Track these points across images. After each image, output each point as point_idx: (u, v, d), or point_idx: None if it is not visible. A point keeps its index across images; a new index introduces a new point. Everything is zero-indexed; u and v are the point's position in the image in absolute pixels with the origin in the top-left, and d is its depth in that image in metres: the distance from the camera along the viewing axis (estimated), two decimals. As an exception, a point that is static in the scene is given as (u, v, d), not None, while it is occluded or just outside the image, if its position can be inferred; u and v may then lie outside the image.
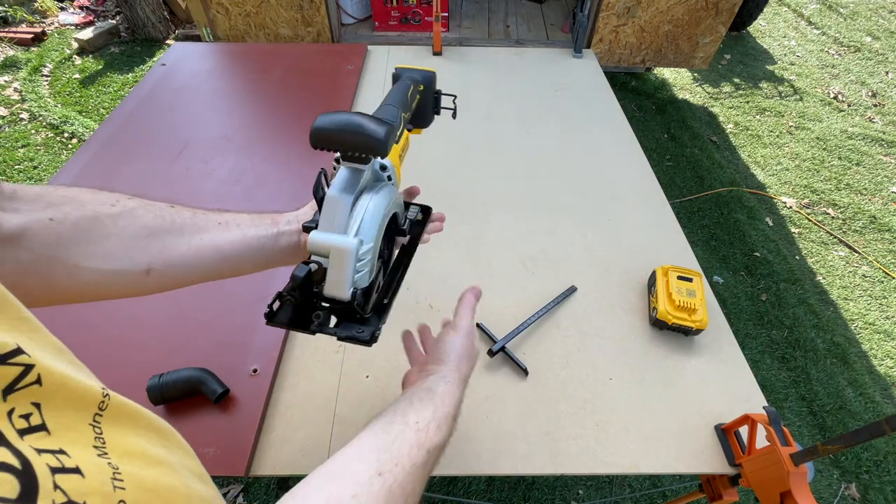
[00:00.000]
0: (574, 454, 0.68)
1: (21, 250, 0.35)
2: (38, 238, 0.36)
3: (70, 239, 0.37)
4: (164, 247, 0.42)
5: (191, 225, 0.44)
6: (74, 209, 0.38)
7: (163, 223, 0.43)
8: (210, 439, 0.65)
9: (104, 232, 0.39)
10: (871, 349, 1.77)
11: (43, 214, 0.37)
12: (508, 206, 1.06)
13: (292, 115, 1.28)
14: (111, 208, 0.41)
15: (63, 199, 0.39)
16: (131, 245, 0.41)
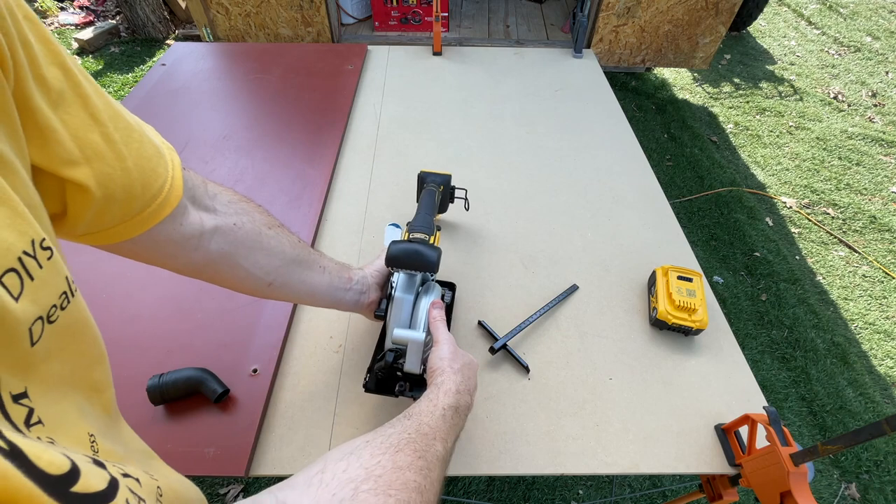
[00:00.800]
0: (574, 454, 0.68)
1: (212, 242, 0.46)
2: (223, 236, 0.47)
3: (242, 243, 0.49)
4: (287, 272, 0.55)
5: (307, 261, 0.58)
6: (249, 221, 0.50)
7: (293, 253, 0.55)
8: (210, 439, 0.65)
9: (262, 245, 0.51)
10: (871, 349, 1.77)
11: (231, 220, 0.48)
12: (508, 206, 1.06)
13: (292, 115, 1.28)
14: (268, 230, 0.53)
15: (244, 210, 0.51)
16: (272, 262, 0.53)
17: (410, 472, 0.36)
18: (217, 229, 0.46)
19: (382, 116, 1.32)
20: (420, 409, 0.46)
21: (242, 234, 0.49)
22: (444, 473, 0.42)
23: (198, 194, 0.44)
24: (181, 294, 0.84)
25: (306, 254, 0.58)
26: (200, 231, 0.43)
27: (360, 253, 0.94)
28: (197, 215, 0.43)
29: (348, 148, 1.21)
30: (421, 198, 0.82)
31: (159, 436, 0.65)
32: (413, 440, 0.39)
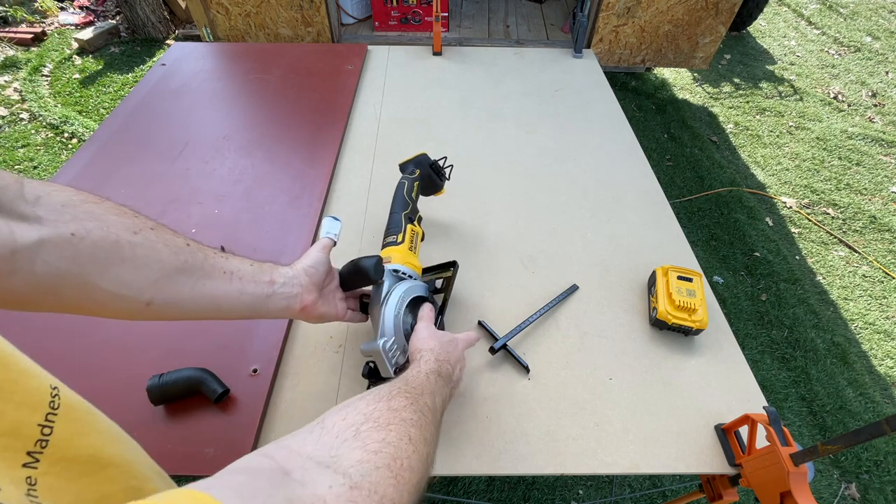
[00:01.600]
0: (574, 454, 0.68)
1: (37, 262, 0.34)
2: (56, 252, 0.35)
3: (87, 257, 0.37)
4: (170, 285, 0.44)
5: (199, 268, 0.47)
6: (98, 227, 0.38)
7: (175, 261, 0.44)
8: (210, 439, 0.65)
9: (121, 256, 0.40)
10: (871, 349, 1.77)
11: (65, 228, 0.36)
12: (508, 206, 1.06)
13: (292, 115, 1.28)
14: (133, 235, 0.41)
15: (88, 215, 0.38)
16: (142, 276, 0.42)
17: (406, 412, 0.38)
18: (42, 243, 0.34)
19: (382, 116, 1.32)
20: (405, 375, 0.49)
21: (89, 246, 0.37)
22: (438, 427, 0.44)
23: (4, 199, 0.33)
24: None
25: (199, 258, 0.47)
26: (11, 249, 0.33)
27: (359, 253, 0.94)
28: (5, 228, 0.33)
29: (348, 148, 1.21)
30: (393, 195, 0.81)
31: (159, 436, 0.65)
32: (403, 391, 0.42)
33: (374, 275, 0.63)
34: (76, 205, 0.38)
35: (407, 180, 0.82)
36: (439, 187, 0.92)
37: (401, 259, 0.71)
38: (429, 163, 0.88)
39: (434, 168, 0.89)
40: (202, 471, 0.63)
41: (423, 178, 0.86)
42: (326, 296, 0.62)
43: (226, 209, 1.00)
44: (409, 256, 0.72)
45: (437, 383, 0.50)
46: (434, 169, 0.89)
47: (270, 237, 0.95)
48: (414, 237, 0.75)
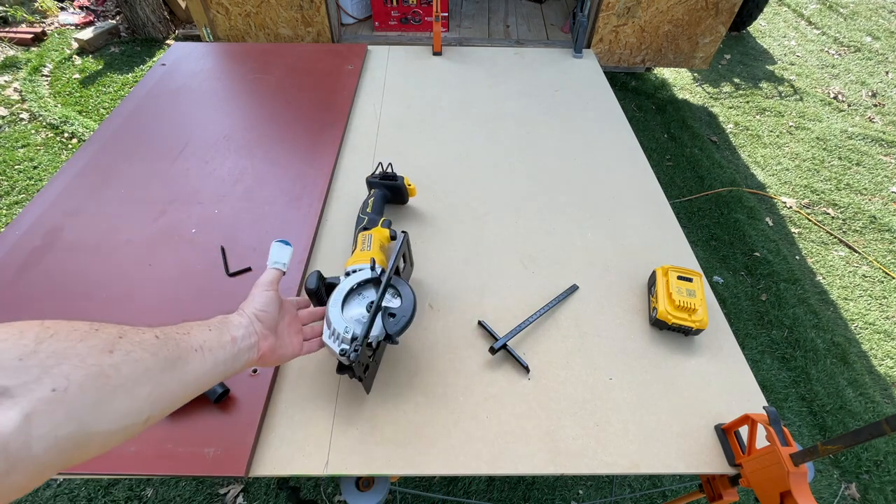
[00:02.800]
0: (574, 454, 0.68)
1: (33, 444, 0.28)
2: (47, 419, 0.29)
3: (79, 407, 0.32)
4: (160, 389, 0.40)
5: (178, 358, 0.42)
6: (74, 367, 0.32)
7: (158, 363, 0.40)
8: (210, 439, 0.65)
9: (111, 387, 0.34)
10: (871, 349, 1.77)
11: (41, 388, 0.30)
12: (508, 206, 1.06)
13: (292, 115, 1.28)
14: (110, 356, 0.35)
15: (53, 357, 0.31)
16: (136, 397, 0.37)
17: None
18: (30, 419, 0.28)
19: (382, 116, 1.32)
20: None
21: (75, 394, 0.31)
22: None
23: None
24: (182, 295, 0.84)
25: (173, 348, 0.42)
26: (1, 445, 0.27)
27: (360, 253, 0.94)
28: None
29: (348, 148, 1.21)
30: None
31: (159, 436, 0.65)
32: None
33: (313, 287, 0.71)
34: (33, 351, 0.31)
35: (363, 202, 0.95)
36: (402, 189, 0.99)
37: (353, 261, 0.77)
38: (376, 180, 0.98)
39: (384, 179, 0.98)
40: (202, 471, 0.63)
41: (379, 195, 0.96)
42: (281, 335, 0.59)
43: (226, 209, 1.00)
44: (360, 256, 0.79)
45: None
46: (385, 180, 0.98)
47: (270, 237, 0.94)
48: (366, 240, 0.82)
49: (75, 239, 0.93)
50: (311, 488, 1.33)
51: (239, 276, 0.87)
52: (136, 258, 0.90)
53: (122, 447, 0.64)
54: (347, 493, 0.68)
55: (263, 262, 0.89)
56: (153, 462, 0.63)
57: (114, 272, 0.87)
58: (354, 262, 0.76)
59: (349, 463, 0.66)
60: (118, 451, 0.64)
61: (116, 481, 1.31)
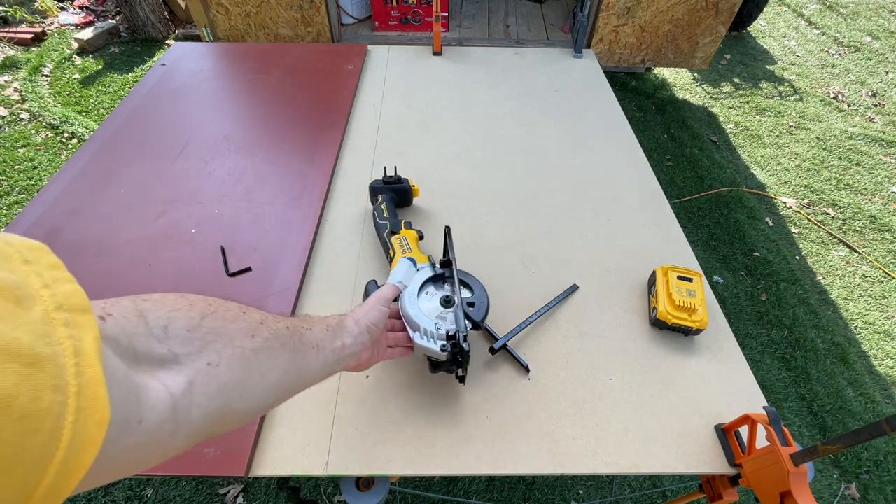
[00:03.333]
0: (574, 454, 0.68)
1: (193, 410, 0.30)
2: (202, 390, 0.31)
3: (226, 385, 0.33)
4: (283, 378, 0.40)
5: (300, 352, 0.44)
6: (225, 347, 0.34)
7: (288, 355, 0.41)
8: (210, 439, 0.65)
9: (250, 371, 0.36)
10: (871, 349, 1.77)
11: (201, 360, 0.32)
12: (508, 206, 1.06)
13: (292, 115, 1.28)
14: (252, 340, 0.37)
15: (212, 334, 0.34)
16: (267, 383, 0.38)
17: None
18: (191, 386, 0.30)
19: (382, 116, 1.32)
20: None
21: (224, 372, 0.33)
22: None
23: (139, 346, 0.28)
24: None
25: (297, 341, 0.43)
26: (171, 406, 0.28)
27: (359, 253, 0.94)
28: (155, 385, 0.28)
29: (348, 148, 1.21)
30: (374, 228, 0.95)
31: (159, 436, 0.65)
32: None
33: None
34: (198, 325, 0.33)
35: (375, 210, 0.95)
36: (409, 191, 0.99)
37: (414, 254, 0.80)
38: (381, 184, 0.98)
39: (389, 183, 0.98)
40: (202, 471, 0.63)
41: (387, 199, 0.96)
42: (378, 346, 0.61)
43: (226, 209, 1.00)
44: (417, 253, 0.82)
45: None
46: (390, 184, 0.98)
47: (270, 237, 0.95)
48: (402, 242, 0.84)
49: (75, 239, 0.93)
50: (311, 488, 1.33)
51: (239, 276, 0.87)
52: (136, 258, 0.90)
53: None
54: (347, 493, 0.68)
55: (263, 262, 0.90)
56: (153, 462, 0.63)
57: (114, 272, 0.87)
58: None
59: (349, 463, 0.66)
60: (118, 451, 0.64)
61: (116, 481, 1.31)
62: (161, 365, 0.29)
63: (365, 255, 0.94)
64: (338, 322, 0.53)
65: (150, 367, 0.29)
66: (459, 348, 0.63)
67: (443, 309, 0.70)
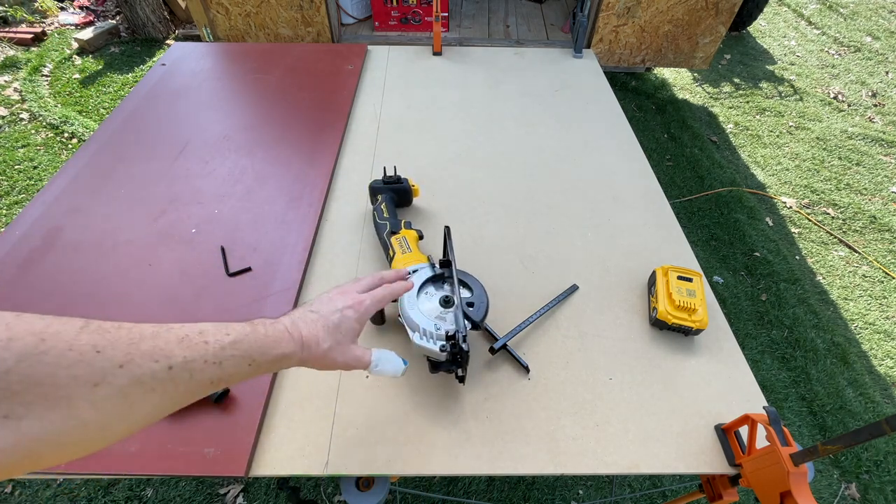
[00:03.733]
0: (574, 454, 0.68)
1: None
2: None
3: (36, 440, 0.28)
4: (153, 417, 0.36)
5: (187, 391, 0.38)
6: (40, 398, 0.28)
7: (169, 399, 0.36)
8: (210, 439, 0.65)
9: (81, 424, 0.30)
10: (871, 349, 1.77)
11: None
12: (508, 206, 1.06)
13: (292, 115, 1.28)
14: (94, 391, 0.30)
15: (24, 383, 0.27)
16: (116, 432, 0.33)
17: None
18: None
19: (382, 116, 1.32)
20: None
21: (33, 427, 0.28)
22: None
23: None
24: (181, 294, 0.84)
25: (186, 374, 0.37)
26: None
27: (360, 253, 0.95)
28: None
29: (348, 148, 1.21)
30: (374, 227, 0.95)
31: (159, 436, 0.65)
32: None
33: None
34: (7, 370, 0.27)
35: (375, 210, 0.95)
36: (408, 190, 0.99)
37: (401, 265, 0.80)
38: (381, 184, 0.98)
39: (389, 183, 0.98)
40: (202, 471, 0.63)
41: (387, 199, 0.96)
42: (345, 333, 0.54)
43: (226, 209, 1.00)
44: (406, 259, 0.82)
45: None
46: (390, 183, 0.98)
47: (270, 237, 0.95)
48: (402, 242, 0.85)
49: (75, 239, 0.93)
50: (311, 488, 1.33)
51: (239, 276, 0.87)
52: (136, 258, 0.90)
53: (122, 447, 0.64)
54: (347, 493, 0.68)
55: (263, 262, 0.90)
56: (153, 462, 0.63)
57: (114, 272, 0.87)
58: (405, 266, 0.78)
59: (349, 463, 0.66)
60: (118, 452, 0.64)
61: (116, 481, 1.31)
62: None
63: (365, 255, 0.94)
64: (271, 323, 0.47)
65: None
66: (459, 349, 0.63)
67: (442, 309, 0.70)
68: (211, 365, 0.39)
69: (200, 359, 0.38)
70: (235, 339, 0.41)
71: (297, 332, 0.49)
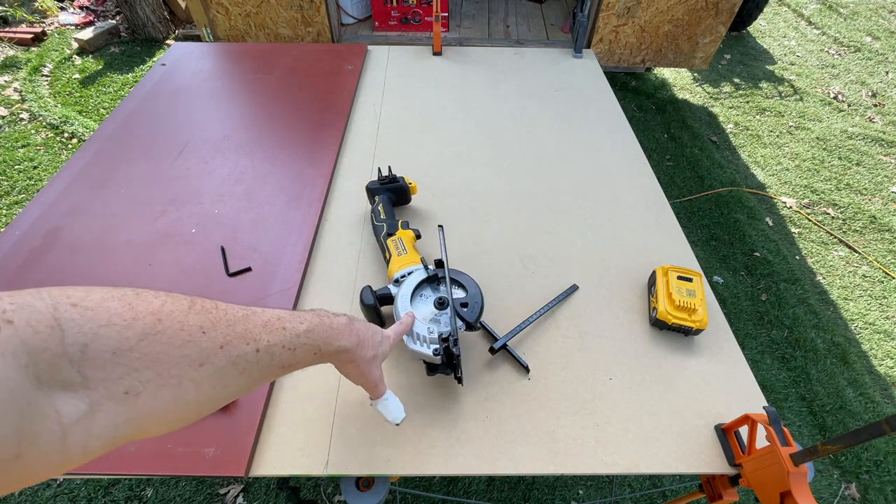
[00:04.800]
0: (574, 454, 0.68)
1: (91, 439, 0.26)
2: (108, 419, 0.27)
3: (146, 414, 0.29)
4: (234, 395, 0.37)
5: (268, 374, 0.41)
6: (157, 374, 0.29)
7: (253, 381, 0.38)
8: (210, 439, 0.65)
9: (183, 400, 0.32)
10: (871, 349, 1.77)
11: (117, 386, 0.27)
12: (508, 206, 1.06)
13: (292, 115, 1.28)
14: (199, 370, 0.32)
15: (144, 360, 0.29)
16: (205, 408, 0.34)
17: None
18: (93, 413, 0.26)
19: (382, 116, 1.32)
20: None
21: (147, 402, 0.29)
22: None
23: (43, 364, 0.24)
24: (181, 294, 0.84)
25: (267, 358, 0.39)
26: (60, 436, 0.25)
27: (359, 253, 0.95)
28: (47, 411, 0.24)
29: (348, 148, 1.21)
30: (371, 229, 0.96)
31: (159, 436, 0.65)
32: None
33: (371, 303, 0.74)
34: (131, 348, 0.28)
35: (373, 211, 0.95)
36: (405, 189, 0.99)
37: (396, 268, 0.80)
38: (378, 185, 0.98)
39: (385, 183, 0.98)
40: (202, 471, 0.63)
41: (384, 199, 0.96)
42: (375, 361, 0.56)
43: (226, 209, 1.00)
44: (401, 261, 0.82)
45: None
46: (386, 184, 0.98)
47: (270, 237, 0.95)
48: (398, 244, 0.85)
49: (75, 239, 0.93)
50: (311, 488, 1.33)
51: (239, 276, 0.87)
52: (136, 258, 0.90)
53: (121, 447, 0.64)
54: (347, 493, 0.68)
55: (263, 262, 0.90)
56: (153, 462, 0.63)
57: (114, 272, 0.87)
58: (400, 268, 0.78)
59: (349, 463, 0.66)
60: (118, 452, 0.64)
61: (116, 481, 1.31)
62: (64, 388, 0.25)
63: (365, 255, 0.94)
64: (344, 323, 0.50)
65: (51, 388, 0.24)
66: (450, 352, 0.63)
67: (436, 311, 0.70)
68: (287, 350, 0.41)
69: (279, 344, 0.40)
70: (308, 328, 0.44)
71: (355, 329, 0.51)
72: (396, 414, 0.60)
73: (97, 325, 0.27)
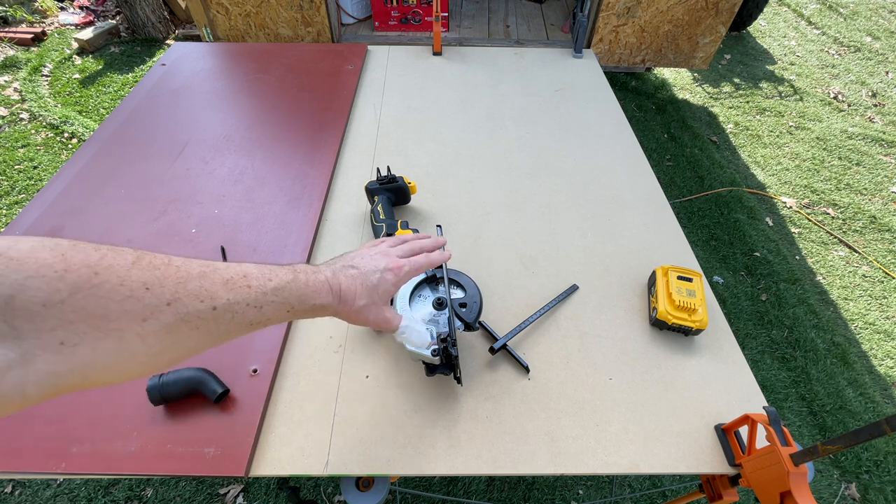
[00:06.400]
0: (574, 454, 0.68)
1: (28, 385, 0.27)
2: (50, 370, 0.28)
3: (89, 365, 0.30)
4: (195, 350, 0.38)
5: (226, 330, 0.40)
6: (92, 328, 0.29)
7: (210, 337, 0.38)
8: (210, 439, 0.65)
9: (129, 353, 0.32)
10: (871, 349, 1.77)
11: (51, 337, 0.28)
12: (508, 206, 1.06)
13: (292, 115, 1.28)
14: (143, 325, 0.32)
15: (78, 313, 0.28)
16: (161, 362, 0.35)
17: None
18: (29, 363, 0.27)
19: (382, 116, 1.32)
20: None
21: (86, 354, 0.30)
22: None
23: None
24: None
25: (228, 314, 0.39)
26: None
27: (360, 253, 0.94)
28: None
29: (348, 148, 1.21)
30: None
31: (159, 436, 0.65)
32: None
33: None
34: (61, 301, 0.28)
35: (373, 212, 0.96)
36: (405, 189, 0.99)
37: None
38: (377, 185, 0.98)
39: (384, 183, 0.98)
40: (202, 471, 0.63)
41: (384, 200, 0.96)
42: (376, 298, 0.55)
43: (226, 209, 1.00)
44: None
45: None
46: (385, 184, 0.98)
47: (270, 237, 0.95)
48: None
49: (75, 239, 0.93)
50: (311, 488, 1.33)
51: (239, 276, 0.87)
52: (136, 258, 0.90)
53: (122, 447, 0.64)
54: (347, 493, 0.68)
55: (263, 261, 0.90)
56: (153, 462, 0.63)
57: (114, 272, 0.87)
58: None
59: (349, 463, 0.66)
60: (118, 452, 0.64)
61: (116, 481, 1.31)
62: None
63: (365, 255, 0.94)
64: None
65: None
66: (448, 353, 0.63)
67: (435, 311, 0.70)
68: (252, 308, 0.41)
69: (243, 302, 0.40)
70: (277, 286, 0.43)
71: (336, 284, 0.50)
72: (422, 340, 0.60)
73: (23, 276, 0.26)
